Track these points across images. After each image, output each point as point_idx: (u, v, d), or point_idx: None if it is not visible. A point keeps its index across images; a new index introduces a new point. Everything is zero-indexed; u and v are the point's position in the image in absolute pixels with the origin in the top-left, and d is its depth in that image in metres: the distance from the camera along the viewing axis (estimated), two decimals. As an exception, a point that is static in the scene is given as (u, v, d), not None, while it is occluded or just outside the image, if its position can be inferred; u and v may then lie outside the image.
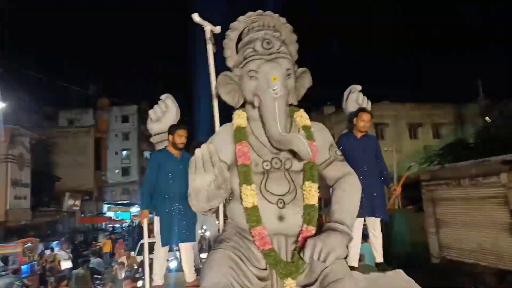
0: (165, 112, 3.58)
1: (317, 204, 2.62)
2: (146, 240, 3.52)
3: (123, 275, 7.63)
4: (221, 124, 3.45)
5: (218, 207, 3.32)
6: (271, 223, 2.52)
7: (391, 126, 24.18)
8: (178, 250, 4.10)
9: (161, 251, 3.39)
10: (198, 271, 3.31)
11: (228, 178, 2.36)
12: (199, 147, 2.33)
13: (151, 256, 3.69)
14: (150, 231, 3.68)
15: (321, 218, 3.95)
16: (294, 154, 2.64)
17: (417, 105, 24.94)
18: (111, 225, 27.54)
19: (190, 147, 3.63)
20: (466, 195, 9.63)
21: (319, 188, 2.65)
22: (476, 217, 9.32)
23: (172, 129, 3.41)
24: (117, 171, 41.38)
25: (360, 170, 2.98)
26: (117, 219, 29.21)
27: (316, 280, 2.33)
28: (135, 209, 29.10)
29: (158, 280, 3.43)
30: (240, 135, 2.71)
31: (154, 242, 3.42)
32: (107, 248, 14.43)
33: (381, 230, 3.58)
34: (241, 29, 2.97)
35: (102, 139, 30.27)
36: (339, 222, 2.51)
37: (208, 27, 3.58)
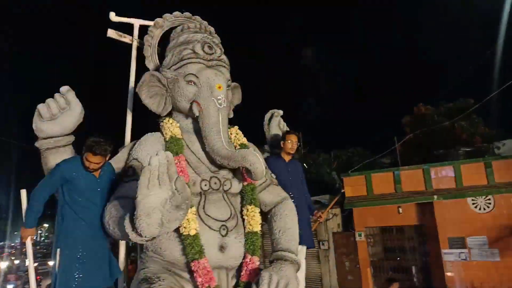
0: (64, 110, 2.57)
1: (260, 231, 2.34)
2: (31, 269, 2.62)
3: None
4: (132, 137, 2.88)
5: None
6: (212, 254, 2.13)
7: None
8: None
9: None
10: None
11: (189, 196, 1.78)
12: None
13: None
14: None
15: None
16: (234, 174, 2.38)
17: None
18: None
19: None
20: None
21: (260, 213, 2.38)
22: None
23: (85, 145, 2.44)
24: None
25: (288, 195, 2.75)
26: None
27: None
28: None
29: None
30: (176, 147, 2.26)
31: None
32: None
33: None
34: (166, 28, 2.67)
35: None
36: (287, 250, 2.31)
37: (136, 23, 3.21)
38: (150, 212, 1.65)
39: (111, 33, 3.24)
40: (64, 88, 2.60)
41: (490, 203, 8.29)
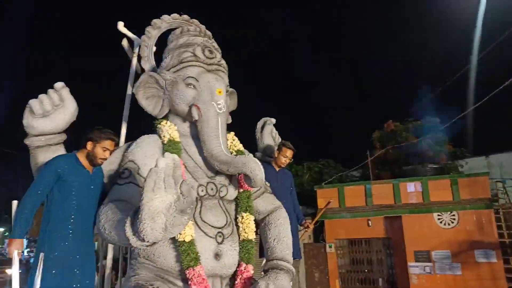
0: (58, 107, 2.42)
1: (254, 239, 2.33)
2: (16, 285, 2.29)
3: None
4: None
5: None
6: (207, 261, 2.08)
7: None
8: None
9: None
10: None
11: (194, 201, 1.71)
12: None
13: None
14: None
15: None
16: (230, 180, 2.36)
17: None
18: None
19: None
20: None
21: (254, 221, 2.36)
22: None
23: (97, 135, 2.34)
24: None
25: None
26: None
27: None
28: None
29: None
30: (174, 150, 2.19)
31: None
32: None
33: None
34: (164, 29, 2.65)
35: None
36: (282, 259, 2.30)
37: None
38: (154, 216, 1.56)
39: (125, 42, 3.23)
40: (58, 85, 2.46)
41: (454, 219, 8.67)
